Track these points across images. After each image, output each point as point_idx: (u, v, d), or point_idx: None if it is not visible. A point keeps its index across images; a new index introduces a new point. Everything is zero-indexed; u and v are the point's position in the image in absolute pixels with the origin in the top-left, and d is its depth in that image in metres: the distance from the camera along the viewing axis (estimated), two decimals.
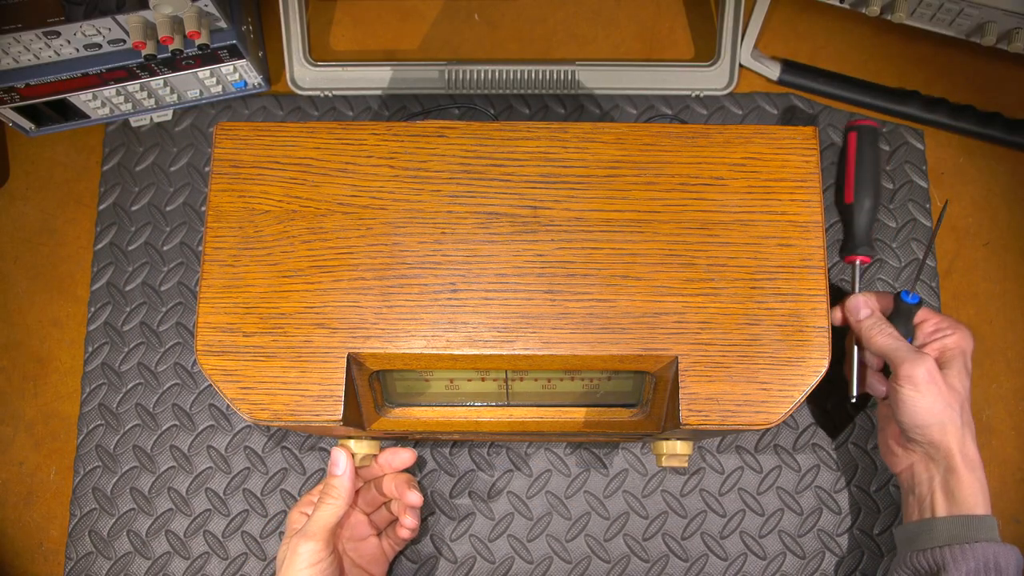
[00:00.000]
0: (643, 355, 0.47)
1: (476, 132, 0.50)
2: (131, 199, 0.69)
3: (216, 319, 0.47)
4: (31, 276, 0.69)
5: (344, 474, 0.52)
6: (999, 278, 0.68)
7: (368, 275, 0.48)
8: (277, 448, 0.64)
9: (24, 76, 0.62)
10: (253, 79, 0.70)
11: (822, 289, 0.47)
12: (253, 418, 0.46)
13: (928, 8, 0.64)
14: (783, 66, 0.70)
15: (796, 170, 0.49)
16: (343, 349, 0.47)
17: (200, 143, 0.70)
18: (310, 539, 0.51)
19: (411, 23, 0.74)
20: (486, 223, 0.48)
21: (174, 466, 0.64)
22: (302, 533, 0.51)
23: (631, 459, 0.64)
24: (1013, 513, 0.63)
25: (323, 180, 0.49)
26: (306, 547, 0.51)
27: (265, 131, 0.50)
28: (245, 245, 0.48)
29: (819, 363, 0.46)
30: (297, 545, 0.51)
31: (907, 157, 0.69)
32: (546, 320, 0.47)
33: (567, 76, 0.70)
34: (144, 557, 0.62)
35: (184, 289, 0.67)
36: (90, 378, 0.66)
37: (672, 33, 0.74)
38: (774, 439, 0.64)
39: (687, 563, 0.62)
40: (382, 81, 0.71)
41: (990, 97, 0.71)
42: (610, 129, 0.50)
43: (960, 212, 0.69)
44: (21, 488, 0.65)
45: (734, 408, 0.46)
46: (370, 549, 0.58)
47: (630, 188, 0.49)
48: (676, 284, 0.48)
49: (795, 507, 0.63)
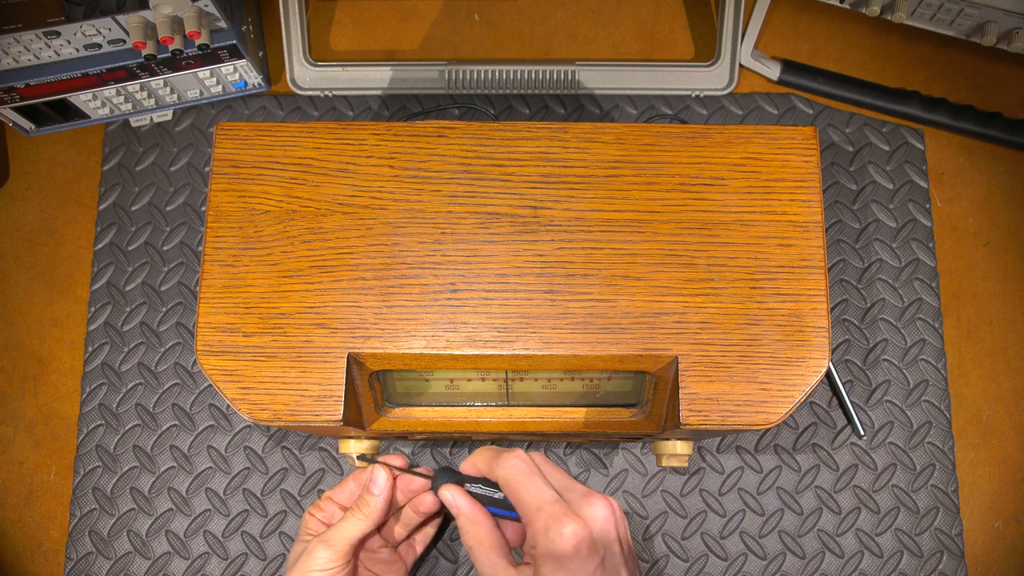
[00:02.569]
0: (643, 355, 0.47)
1: (476, 132, 0.50)
2: (131, 199, 0.69)
3: (216, 319, 0.47)
4: (31, 276, 0.69)
5: (381, 495, 0.51)
6: (999, 278, 0.68)
7: (368, 275, 0.48)
8: (277, 448, 0.64)
9: (24, 76, 0.62)
10: (253, 79, 0.70)
11: (822, 289, 0.47)
12: (253, 418, 0.46)
13: (928, 8, 0.64)
14: (783, 66, 0.70)
15: (796, 170, 0.49)
16: (343, 349, 0.47)
17: (200, 143, 0.70)
18: (329, 548, 0.50)
19: (411, 23, 0.74)
20: (486, 223, 0.48)
21: (174, 466, 0.64)
22: (323, 539, 0.51)
23: (631, 459, 0.64)
24: (1013, 513, 0.63)
25: (323, 180, 0.49)
26: (324, 553, 0.50)
27: (265, 131, 0.50)
28: (245, 245, 0.48)
29: (819, 363, 0.46)
30: (315, 548, 0.50)
31: (907, 157, 0.69)
32: (546, 320, 0.47)
33: (567, 76, 0.70)
34: (144, 557, 0.62)
35: (184, 289, 0.67)
36: (90, 378, 0.66)
37: (672, 33, 0.74)
38: (774, 439, 0.64)
39: (687, 563, 0.62)
40: (382, 81, 0.71)
41: (990, 97, 0.71)
42: (610, 129, 0.50)
43: (960, 212, 0.69)
44: (21, 488, 0.65)
45: (734, 408, 0.46)
46: (383, 557, 0.57)
47: (630, 188, 0.49)
48: (676, 284, 0.48)
49: (795, 507, 0.63)
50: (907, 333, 0.66)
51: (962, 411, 0.65)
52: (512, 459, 0.45)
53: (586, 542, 0.41)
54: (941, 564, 0.62)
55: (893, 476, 0.63)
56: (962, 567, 0.62)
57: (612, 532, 0.42)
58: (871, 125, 0.70)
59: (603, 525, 0.42)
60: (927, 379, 0.65)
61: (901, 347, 0.65)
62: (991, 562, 0.63)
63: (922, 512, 0.63)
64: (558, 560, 0.41)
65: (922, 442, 0.64)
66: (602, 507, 0.42)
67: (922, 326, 0.66)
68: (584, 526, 0.41)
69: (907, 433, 0.64)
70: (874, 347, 0.65)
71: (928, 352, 0.65)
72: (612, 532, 0.42)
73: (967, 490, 0.64)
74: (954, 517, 0.63)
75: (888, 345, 0.65)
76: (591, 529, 0.41)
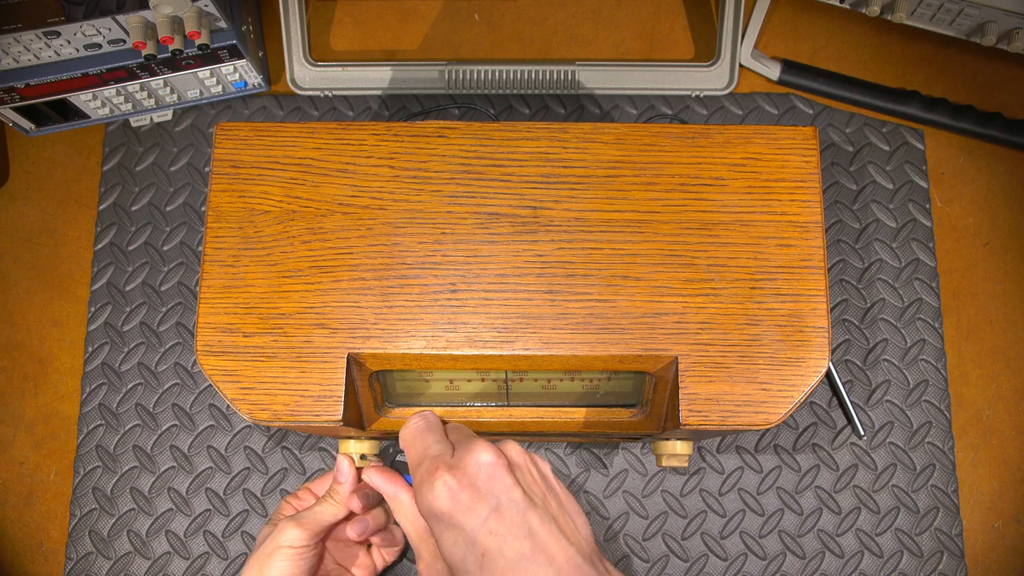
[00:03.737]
0: (643, 355, 0.47)
1: (476, 132, 0.50)
2: (131, 199, 0.69)
3: (216, 319, 0.47)
4: (31, 276, 0.69)
5: (346, 482, 0.53)
6: (999, 278, 0.68)
7: (368, 275, 0.48)
8: (277, 448, 0.64)
9: (24, 76, 0.62)
10: (253, 79, 0.70)
11: (822, 289, 0.47)
12: (253, 418, 0.46)
13: (928, 8, 0.64)
14: (783, 66, 0.70)
15: (796, 170, 0.49)
16: (343, 349, 0.47)
17: (200, 143, 0.70)
18: (300, 527, 0.52)
19: (411, 23, 0.74)
20: (486, 223, 0.48)
21: (174, 466, 0.64)
22: (295, 519, 0.52)
23: (631, 459, 0.64)
24: (1013, 513, 0.63)
25: (323, 180, 0.49)
26: (294, 532, 0.51)
27: (265, 131, 0.50)
28: (245, 245, 0.48)
29: (819, 363, 0.46)
30: (286, 527, 0.51)
31: (907, 157, 0.69)
32: (546, 320, 0.47)
33: (567, 76, 0.70)
34: (144, 557, 0.62)
35: (184, 289, 0.67)
36: (90, 378, 0.66)
37: (672, 33, 0.74)
38: (774, 439, 0.64)
39: (687, 563, 0.62)
40: (382, 81, 0.71)
41: (990, 97, 0.71)
42: (610, 129, 0.50)
43: (960, 212, 0.69)
44: (21, 488, 0.65)
45: (734, 408, 0.46)
46: (353, 552, 0.58)
47: (630, 188, 0.49)
48: (676, 284, 0.48)
49: (795, 507, 0.63)
50: (907, 333, 0.66)
51: (962, 411, 0.65)
52: (410, 421, 0.43)
53: (463, 493, 0.38)
54: (941, 564, 0.62)
55: (893, 476, 0.63)
56: (962, 567, 0.62)
57: (504, 478, 0.39)
58: (871, 125, 0.70)
59: (488, 471, 0.39)
60: (927, 379, 0.65)
61: (901, 347, 0.65)
62: (991, 562, 0.63)
63: (922, 512, 0.63)
64: (436, 516, 0.38)
65: (922, 442, 0.64)
66: (484, 452, 0.39)
67: (922, 326, 0.66)
68: (459, 477, 0.38)
69: (907, 433, 0.64)
70: (874, 347, 0.65)
71: (928, 352, 0.65)
72: (504, 478, 0.39)
73: (967, 490, 0.64)
74: (954, 517, 0.63)
75: (888, 345, 0.65)
76: (471, 478, 0.38)
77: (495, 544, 0.37)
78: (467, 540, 0.37)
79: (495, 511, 0.38)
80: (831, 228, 0.68)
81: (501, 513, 0.38)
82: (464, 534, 0.37)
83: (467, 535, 0.37)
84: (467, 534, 0.37)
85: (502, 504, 0.38)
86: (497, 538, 0.37)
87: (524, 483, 0.40)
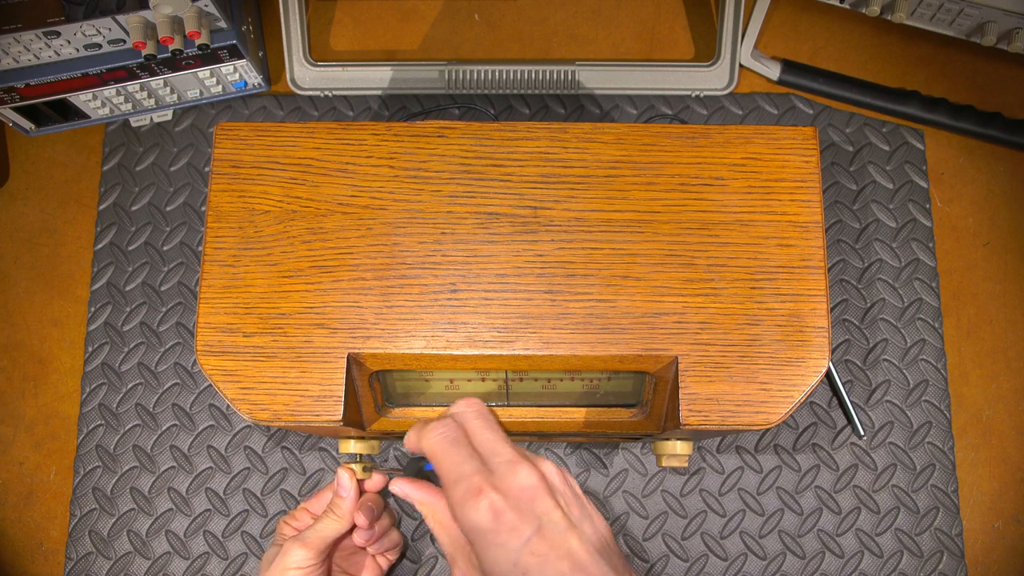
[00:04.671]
0: (643, 355, 0.47)
1: (476, 132, 0.50)
2: (131, 199, 0.69)
3: (216, 319, 0.47)
4: (31, 276, 0.69)
5: (348, 496, 0.54)
6: (999, 278, 0.68)
7: (368, 275, 0.48)
8: (277, 448, 0.64)
9: (24, 76, 0.62)
10: (253, 79, 0.70)
11: (822, 289, 0.47)
12: (253, 418, 0.46)
13: (928, 8, 0.64)
14: (783, 66, 0.70)
15: (796, 170, 0.49)
16: (343, 349, 0.47)
17: (200, 143, 0.70)
18: (305, 547, 0.52)
19: (411, 23, 0.74)
20: (486, 223, 0.48)
21: (174, 466, 0.64)
22: (299, 539, 0.53)
23: (631, 459, 0.64)
24: (1013, 513, 0.63)
25: (323, 180, 0.49)
26: (300, 552, 0.52)
27: (265, 131, 0.50)
28: (245, 245, 0.48)
29: (819, 363, 0.46)
30: (291, 548, 0.52)
31: (907, 157, 0.69)
32: (546, 320, 0.47)
33: (567, 76, 0.70)
34: (144, 557, 0.62)
35: (184, 289, 0.67)
36: (90, 378, 0.66)
37: (672, 33, 0.74)
38: (774, 439, 0.64)
39: (687, 563, 0.62)
40: (382, 81, 0.71)
41: (990, 97, 0.71)
42: (610, 129, 0.50)
43: (960, 212, 0.69)
44: (21, 488, 0.65)
45: (734, 408, 0.46)
46: (358, 560, 0.59)
47: (630, 188, 0.49)
48: (676, 284, 0.48)
49: (795, 507, 0.63)
50: (907, 333, 0.66)
51: (962, 411, 0.65)
52: (434, 432, 0.42)
53: (507, 514, 0.38)
54: (941, 564, 0.62)
55: (893, 476, 0.63)
56: (962, 567, 0.62)
57: (545, 500, 0.39)
58: (871, 125, 0.70)
59: (531, 493, 0.39)
60: (927, 379, 0.65)
61: (901, 347, 0.65)
62: (991, 562, 0.63)
63: (922, 512, 0.63)
64: (481, 534, 0.39)
65: (922, 442, 0.64)
66: (527, 475, 0.40)
67: (922, 326, 0.66)
68: (503, 498, 0.39)
69: (907, 433, 0.64)
70: (874, 347, 0.65)
71: (928, 352, 0.65)
72: (545, 500, 0.39)
73: (967, 490, 0.64)
74: (954, 517, 0.63)
75: (888, 345, 0.65)
76: (515, 500, 0.39)
77: (536, 564, 0.38)
78: (509, 559, 0.38)
79: (537, 532, 0.39)
80: (831, 228, 0.68)
81: (543, 534, 0.39)
82: (506, 553, 0.38)
83: (509, 554, 0.38)
84: (510, 553, 0.38)
85: (544, 526, 0.39)
86: (539, 558, 0.38)
87: (564, 505, 0.41)
